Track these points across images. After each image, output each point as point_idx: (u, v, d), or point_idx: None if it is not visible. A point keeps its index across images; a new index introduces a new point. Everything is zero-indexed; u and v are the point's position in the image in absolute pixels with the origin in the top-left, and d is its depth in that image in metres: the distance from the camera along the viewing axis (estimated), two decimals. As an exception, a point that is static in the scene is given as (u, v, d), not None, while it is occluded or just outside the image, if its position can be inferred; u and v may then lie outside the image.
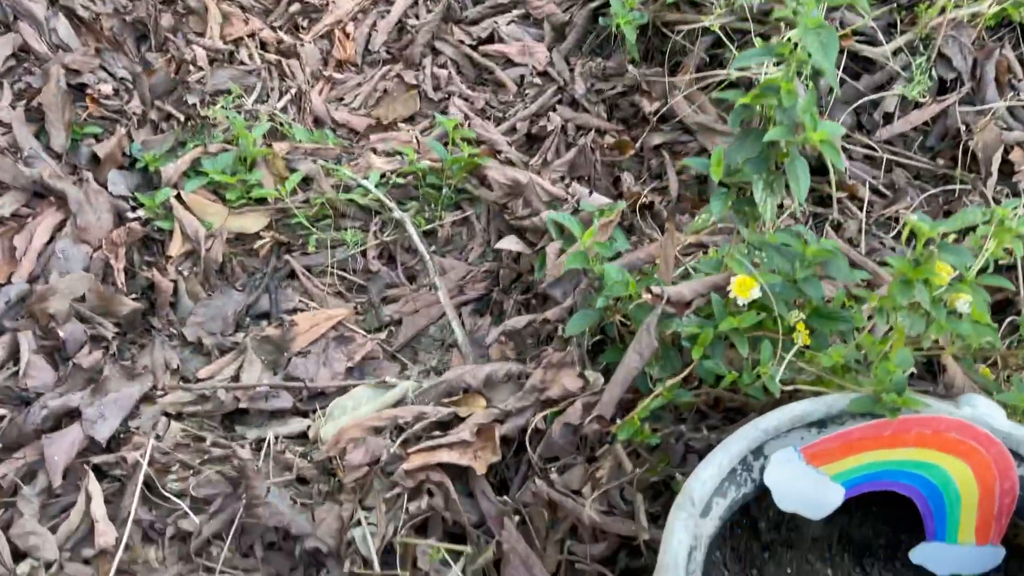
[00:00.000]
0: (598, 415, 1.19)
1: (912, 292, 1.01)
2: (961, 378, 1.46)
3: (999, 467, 1.01)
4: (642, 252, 1.51)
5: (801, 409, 1.06)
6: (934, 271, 1.00)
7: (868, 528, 1.21)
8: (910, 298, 1.00)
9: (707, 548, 1.02)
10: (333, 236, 1.88)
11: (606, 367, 1.32)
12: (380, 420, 1.33)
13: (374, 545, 1.20)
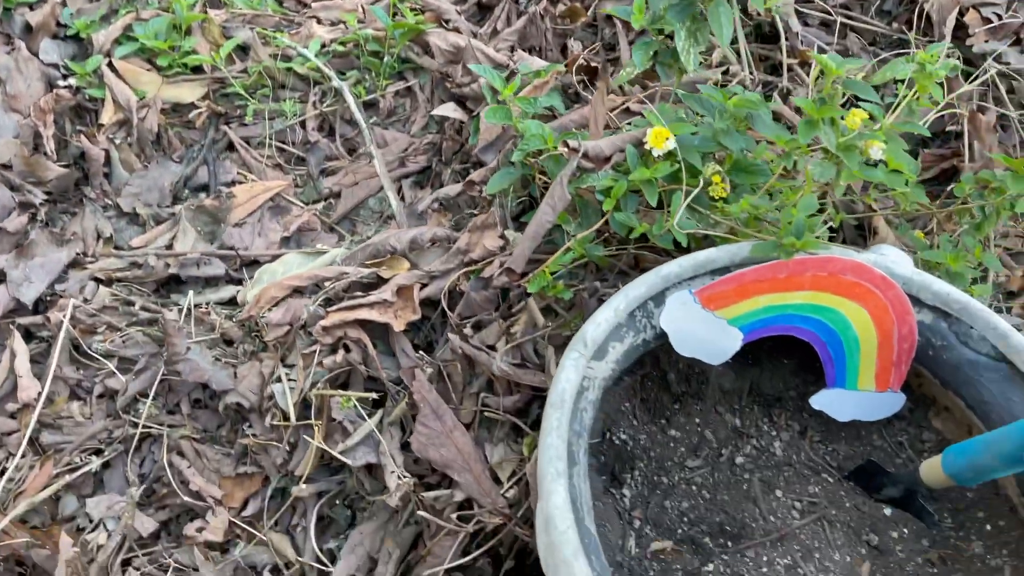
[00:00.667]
0: (507, 268, 1.18)
1: (815, 132, 0.98)
2: (893, 240, 1.46)
3: (897, 311, 1.01)
4: (575, 114, 1.47)
5: (704, 256, 1.05)
6: (837, 110, 0.97)
7: (779, 380, 1.22)
8: (812, 138, 0.98)
9: (602, 390, 1.03)
10: (272, 107, 1.83)
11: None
12: (300, 280, 1.33)
13: (292, 399, 1.22)
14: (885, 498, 1.10)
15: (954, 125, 1.66)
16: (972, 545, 1.05)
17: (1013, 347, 0.97)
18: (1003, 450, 0.86)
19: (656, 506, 1.11)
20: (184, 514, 1.26)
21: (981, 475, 0.92)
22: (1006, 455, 0.86)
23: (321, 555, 1.17)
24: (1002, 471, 0.89)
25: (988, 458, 0.89)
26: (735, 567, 1.03)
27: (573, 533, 0.84)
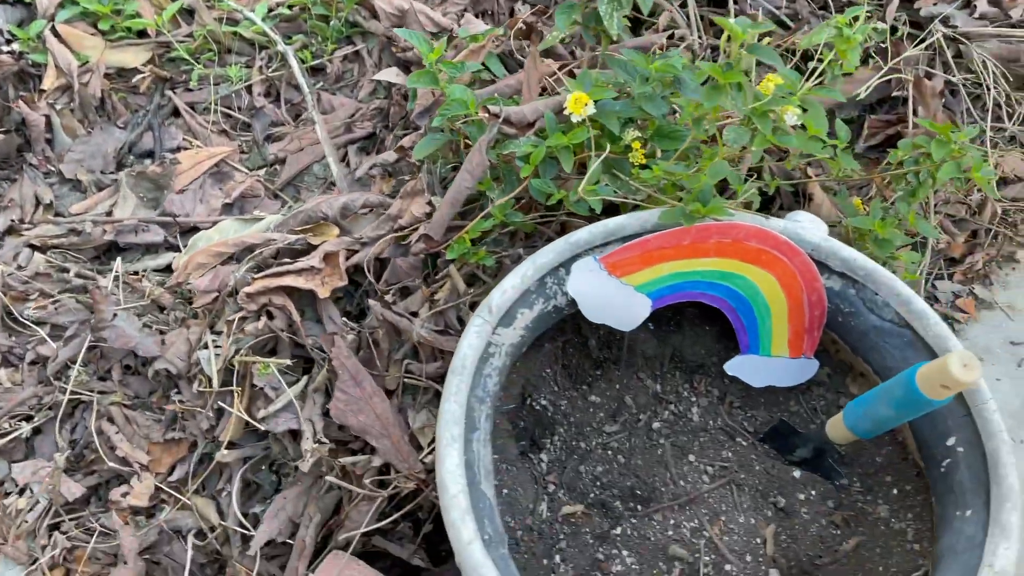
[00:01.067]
0: (425, 235, 1.18)
1: (721, 97, 0.97)
2: (828, 207, 1.45)
3: (805, 278, 1.01)
4: (512, 79, 1.46)
5: (615, 223, 1.05)
6: (742, 75, 0.96)
7: (701, 347, 1.22)
8: (717, 102, 0.97)
9: (510, 356, 1.03)
10: (217, 71, 1.82)
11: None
12: (227, 247, 1.33)
13: (216, 365, 1.22)
14: (797, 459, 1.11)
15: (900, 90, 1.64)
16: (878, 508, 1.06)
17: (915, 313, 0.98)
18: (894, 396, 0.87)
19: (572, 471, 1.12)
20: (114, 479, 1.27)
21: (878, 425, 0.93)
22: (896, 401, 0.87)
23: (244, 519, 1.18)
24: (895, 419, 0.90)
25: (881, 407, 0.90)
26: (642, 530, 1.05)
27: (463, 497, 0.85)
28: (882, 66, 1.60)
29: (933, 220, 1.60)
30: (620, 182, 1.15)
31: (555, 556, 1.03)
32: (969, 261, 1.62)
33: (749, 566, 1.02)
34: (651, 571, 1.01)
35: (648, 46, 1.65)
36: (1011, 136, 1.73)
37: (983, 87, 1.62)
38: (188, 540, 1.19)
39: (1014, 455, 0.86)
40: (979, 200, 1.65)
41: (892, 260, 1.30)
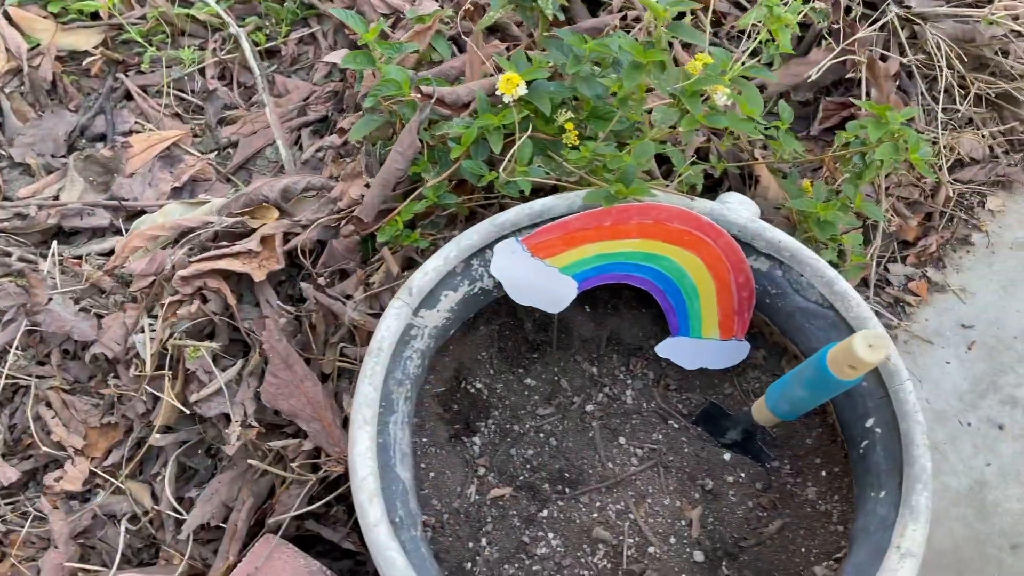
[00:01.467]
0: (355, 217, 1.17)
1: (640, 76, 0.96)
2: (775, 191, 1.44)
3: (731, 259, 1.01)
4: (458, 61, 1.45)
5: (541, 205, 1.04)
6: (664, 54, 0.95)
7: (639, 329, 1.22)
8: (638, 82, 0.96)
9: (434, 339, 1.03)
10: (170, 54, 1.80)
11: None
12: (163, 230, 1.31)
13: (150, 349, 1.21)
14: (729, 442, 1.10)
15: (855, 72, 1.63)
16: (807, 490, 1.06)
17: (838, 294, 0.97)
18: (806, 377, 0.87)
19: (503, 454, 1.11)
20: (51, 464, 1.27)
21: (795, 407, 0.93)
22: (809, 381, 0.86)
23: (177, 504, 1.18)
24: (810, 400, 0.90)
25: (796, 388, 0.89)
26: (568, 512, 1.04)
27: (372, 479, 0.84)
28: (835, 47, 1.58)
29: (886, 203, 1.59)
30: (554, 164, 1.14)
31: (481, 539, 1.03)
32: (922, 244, 1.61)
33: (673, 548, 1.02)
34: (575, 554, 1.01)
35: (601, 27, 1.63)
36: (969, 118, 1.72)
37: (937, 68, 1.61)
38: (122, 524, 1.18)
39: (927, 436, 0.86)
40: (933, 183, 1.64)
41: (833, 242, 1.30)
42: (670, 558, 1.01)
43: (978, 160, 1.68)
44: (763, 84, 1.64)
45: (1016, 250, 1.65)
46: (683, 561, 1.01)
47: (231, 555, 1.13)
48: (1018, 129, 1.69)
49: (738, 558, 1.01)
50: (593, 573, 1.00)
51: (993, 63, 1.66)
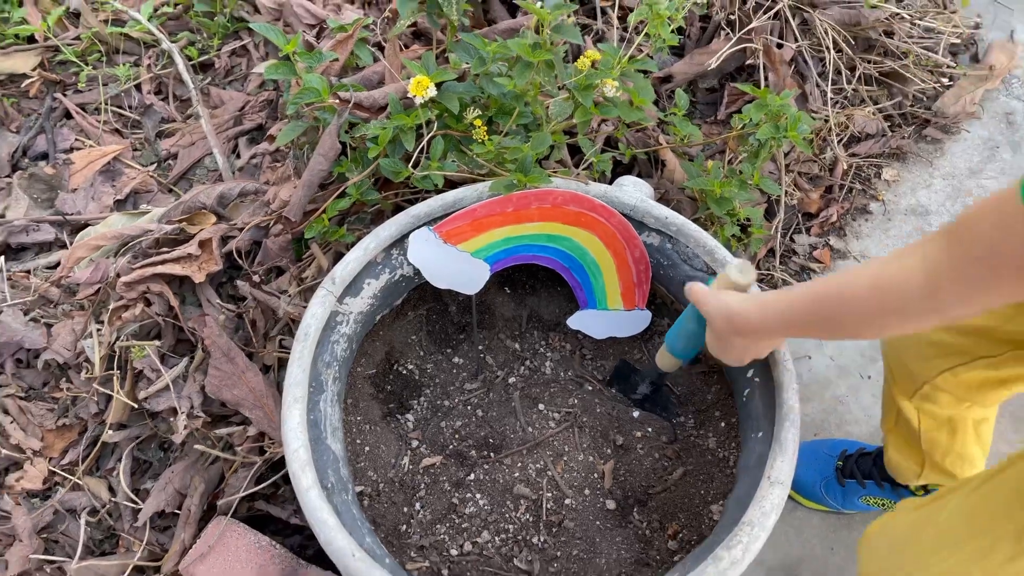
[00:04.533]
0: (284, 217, 1.25)
1: (530, 74, 1.06)
2: (680, 173, 1.56)
3: (624, 236, 1.11)
4: (379, 66, 1.53)
5: (453, 196, 1.14)
6: (550, 52, 1.05)
7: (555, 307, 1.32)
8: (527, 79, 1.06)
9: (360, 324, 1.12)
10: (106, 71, 1.86)
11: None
12: (105, 239, 1.39)
13: (98, 352, 1.29)
14: (639, 396, 1.20)
15: (754, 59, 1.75)
16: (708, 441, 1.17)
17: (719, 262, 1.08)
18: (695, 312, 0.95)
19: (434, 427, 1.21)
20: (12, 467, 1.34)
21: (688, 341, 1.00)
22: (696, 314, 0.95)
23: (133, 495, 1.26)
24: (699, 334, 0.97)
25: (688, 323, 0.98)
26: (493, 474, 1.14)
27: (304, 451, 0.93)
28: (733, 37, 1.70)
29: (788, 178, 1.72)
30: (466, 158, 1.24)
31: (415, 504, 1.13)
32: (824, 215, 1.74)
33: (588, 499, 1.12)
34: (500, 510, 1.11)
35: (517, 27, 1.73)
36: (861, 97, 1.85)
37: (825, 51, 1.74)
38: (82, 518, 1.26)
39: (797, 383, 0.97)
40: (831, 158, 1.77)
41: (731, 217, 1.41)
42: (585, 508, 1.11)
43: (872, 134, 1.82)
44: (670, 74, 1.75)
45: (911, 215, 1.79)
46: (597, 510, 1.12)
47: (186, 538, 1.21)
48: (905, 104, 1.83)
49: (647, 504, 1.12)
50: (517, 526, 1.10)
51: (879, 44, 1.79)
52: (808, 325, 0.75)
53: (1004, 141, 1.89)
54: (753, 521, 0.88)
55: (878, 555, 0.87)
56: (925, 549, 0.80)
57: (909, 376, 1.02)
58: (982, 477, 0.78)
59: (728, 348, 0.90)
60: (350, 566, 0.86)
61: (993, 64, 1.91)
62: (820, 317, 0.72)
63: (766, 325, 0.80)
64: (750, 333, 0.84)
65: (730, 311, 0.84)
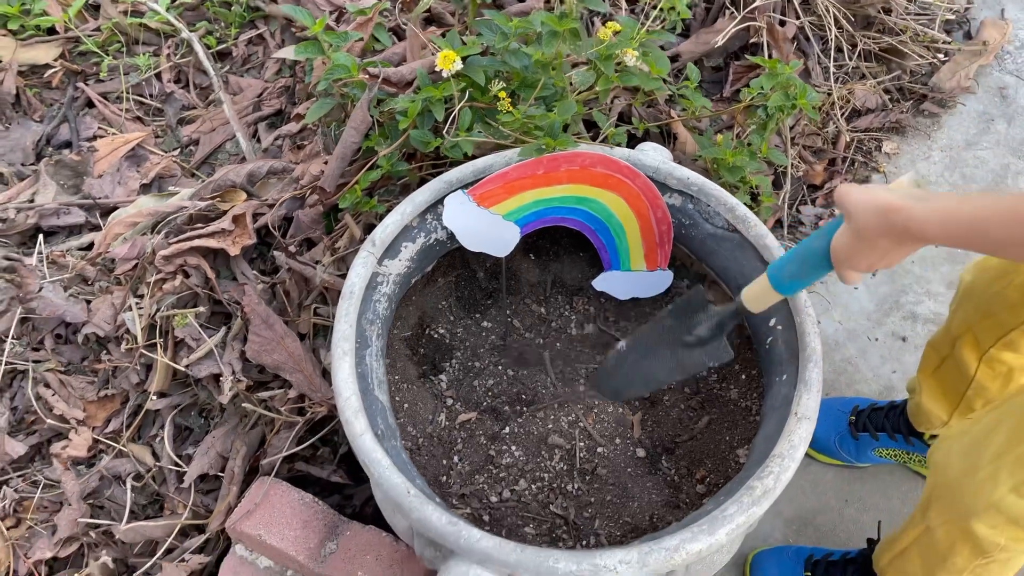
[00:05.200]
0: (319, 187, 1.30)
1: (557, 42, 1.12)
2: (692, 145, 1.62)
3: (648, 197, 1.17)
4: (399, 47, 1.59)
5: (483, 163, 1.19)
6: (576, 22, 1.11)
7: (578, 272, 1.38)
8: (555, 48, 1.11)
9: (398, 285, 1.17)
10: (126, 62, 1.91)
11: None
12: (141, 216, 1.44)
13: (140, 324, 1.34)
14: (694, 339, 1.08)
15: (758, 37, 1.81)
16: (730, 392, 1.23)
17: (739, 218, 1.14)
18: (824, 229, 0.88)
19: (467, 386, 1.26)
20: (55, 437, 1.38)
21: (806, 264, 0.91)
22: (826, 231, 0.87)
23: (178, 459, 1.30)
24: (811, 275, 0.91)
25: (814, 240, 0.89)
26: (526, 427, 1.20)
27: (355, 399, 0.98)
28: (737, 16, 1.76)
29: (793, 151, 1.78)
30: (492, 128, 1.29)
31: (454, 456, 1.18)
32: (828, 187, 1.80)
33: (619, 448, 1.18)
34: (535, 460, 1.17)
35: (528, 10, 1.79)
36: (862, 73, 1.92)
37: (826, 29, 1.80)
38: (127, 483, 1.30)
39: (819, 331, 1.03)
40: (834, 132, 1.84)
41: (743, 183, 1.47)
42: (616, 456, 1.17)
43: (872, 109, 1.88)
44: (677, 53, 1.81)
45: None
46: (628, 458, 1.17)
47: (231, 498, 1.26)
48: (904, 79, 1.89)
49: (674, 452, 1.18)
50: (552, 474, 1.15)
51: (878, 20, 1.86)
52: (994, 243, 0.70)
53: (998, 114, 1.95)
54: (783, 453, 0.93)
55: (953, 458, 0.93)
56: (995, 446, 0.87)
57: (997, 325, 1.08)
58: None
59: (866, 252, 0.82)
60: (404, 503, 0.91)
61: (986, 40, 1.98)
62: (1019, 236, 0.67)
63: (941, 233, 0.73)
64: (906, 234, 0.76)
65: (889, 204, 0.75)
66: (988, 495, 0.89)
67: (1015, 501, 0.87)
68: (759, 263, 1.12)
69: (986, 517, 0.91)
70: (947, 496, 0.96)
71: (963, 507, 0.93)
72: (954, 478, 0.94)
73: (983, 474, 0.89)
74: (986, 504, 0.90)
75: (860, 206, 0.78)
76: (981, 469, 0.89)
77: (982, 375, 1.15)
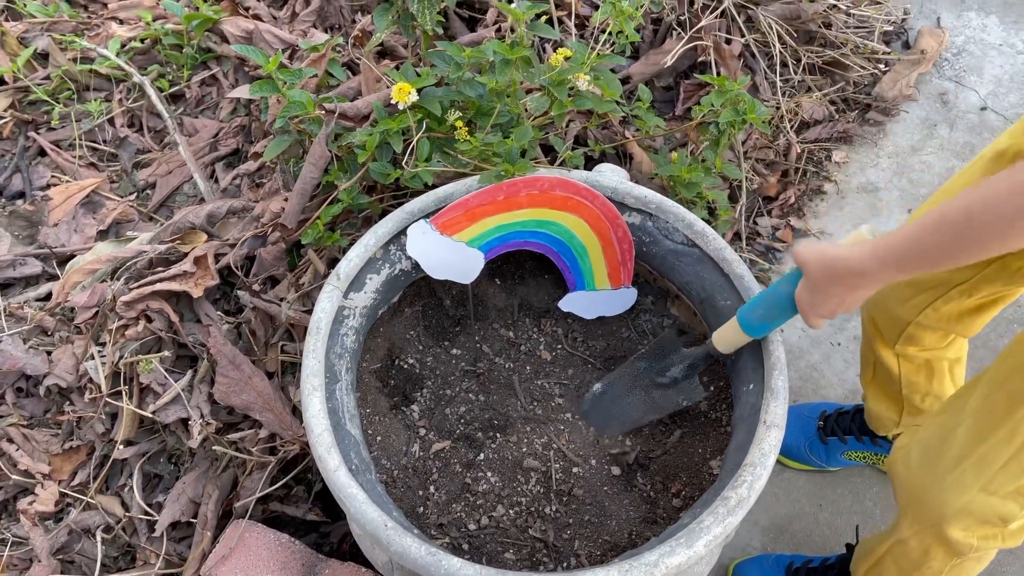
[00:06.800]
0: (280, 224, 1.30)
1: (510, 70, 1.14)
2: (648, 164, 1.64)
3: (608, 217, 1.19)
4: (353, 81, 1.60)
5: (444, 191, 1.20)
6: (527, 50, 1.13)
7: (544, 294, 1.39)
8: (509, 76, 1.13)
9: (365, 317, 1.17)
10: (78, 108, 1.89)
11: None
12: (100, 263, 1.42)
13: (103, 372, 1.31)
14: (667, 380, 1.18)
15: (705, 56, 1.85)
16: (700, 404, 1.24)
17: (698, 233, 1.16)
18: (787, 277, 0.96)
19: (439, 415, 1.26)
20: (20, 493, 1.35)
21: (773, 310, 0.99)
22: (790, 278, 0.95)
23: (148, 508, 1.28)
24: (778, 318, 0.99)
25: (779, 286, 0.97)
26: (501, 452, 1.20)
27: (328, 435, 0.98)
28: (684, 36, 1.80)
29: (746, 165, 1.82)
30: (451, 157, 1.30)
31: (430, 487, 1.18)
32: (783, 198, 1.85)
33: (594, 467, 1.18)
34: (511, 484, 1.17)
35: (479, 40, 1.81)
36: (807, 86, 1.97)
37: (771, 45, 1.85)
38: (97, 536, 1.28)
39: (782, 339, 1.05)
40: (785, 144, 1.88)
41: (699, 199, 1.50)
42: (592, 475, 1.17)
43: (820, 120, 1.93)
44: (628, 75, 1.85)
45: (862, 193, 1.90)
46: (604, 476, 1.18)
47: (205, 544, 1.24)
48: (848, 90, 1.95)
49: (649, 467, 1.19)
50: (529, 498, 1.15)
51: (819, 35, 1.91)
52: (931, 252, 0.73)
53: (940, 119, 2.02)
54: (755, 462, 0.95)
55: (913, 469, 0.95)
56: (955, 450, 0.89)
57: (894, 322, 1.11)
58: (988, 376, 0.87)
59: (824, 300, 0.89)
60: (382, 537, 0.90)
61: (924, 49, 2.05)
62: (951, 237, 0.71)
63: (879, 265, 0.79)
64: (853, 278, 0.83)
65: (832, 255, 0.84)
66: (957, 499, 0.91)
67: (985, 500, 0.90)
68: (719, 276, 1.14)
69: (958, 521, 0.93)
70: (915, 506, 0.98)
71: (934, 515, 0.95)
72: (920, 488, 0.96)
73: (949, 480, 0.91)
74: (956, 509, 0.92)
75: (811, 261, 0.88)
76: (947, 475, 0.92)
77: (905, 371, 1.19)
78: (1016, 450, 0.85)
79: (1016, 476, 0.87)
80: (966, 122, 2.00)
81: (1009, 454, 0.86)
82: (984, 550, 0.97)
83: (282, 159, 1.47)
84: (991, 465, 0.87)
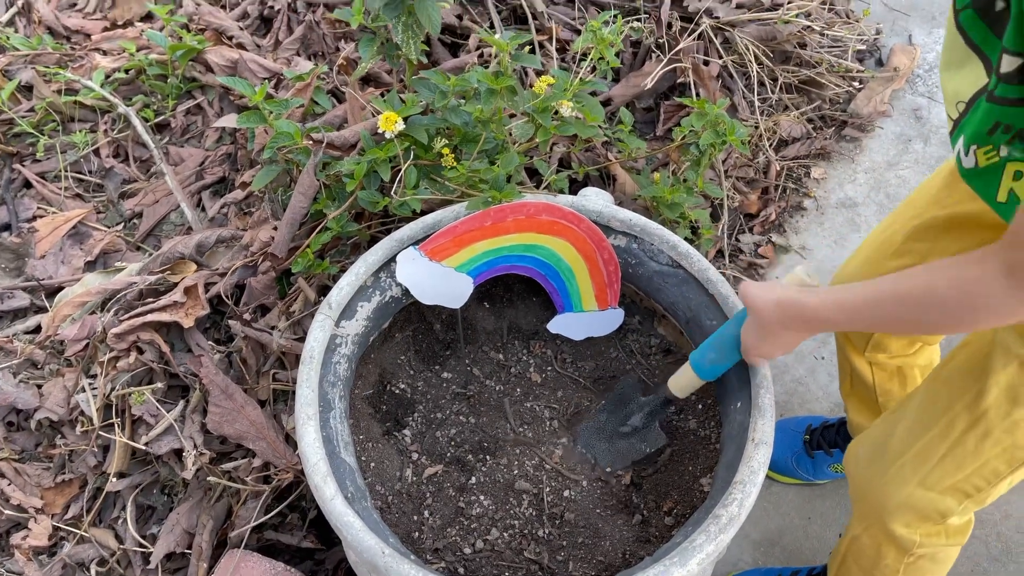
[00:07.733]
0: (270, 254, 1.32)
1: (496, 100, 1.16)
2: (631, 185, 1.67)
3: (593, 240, 1.21)
4: (339, 109, 1.62)
5: (432, 218, 1.22)
6: (512, 79, 1.15)
7: (533, 316, 1.41)
8: (494, 105, 1.16)
9: (357, 345, 1.18)
10: (63, 140, 1.90)
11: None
12: (89, 295, 1.42)
13: (95, 405, 1.32)
14: (629, 429, 1.21)
15: (684, 77, 1.89)
16: (689, 423, 1.26)
17: (682, 254, 1.19)
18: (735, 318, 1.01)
19: (430, 439, 1.27)
20: (14, 528, 1.34)
21: (723, 352, 1.03)
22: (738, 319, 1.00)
23: (142, 540, 1.28)
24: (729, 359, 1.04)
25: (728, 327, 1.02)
26: (492, 475, 1.21)
27: (323, 464, 0.99)
28: (663, 58, 1.84)
29: (727, 183, 1.85)
30: (438, 184, 1.32)
31: (424, 511, 1.19)
32: (764, 215, 1.88)
33: (585, 488, 1.20)
34: (504, 507, 1.18)
35: (462, 66, 1.84)
36: (785, 105, 2.01)
37: (748, 65, 1.89)
38: (92, 569, 1.27)
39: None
40: (765, 162, 1.92)
41: (683, 219, 1.53)
42: (584, 497, 1.19)
43: (798, 138, 1.97)
44: (609, 97, 1.88)
45: (841, 208, 1.94)
46: (596, 497, 1.19)
47: (200, 575, 1.24)
48: (824, 107, 1.99)
49: (641, 486, 1.20)
50: (522, 521, 1.17)
51: (795, 55, 1.96)
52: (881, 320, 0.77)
53: (915, 134, 2.06)
54: (744, 479, 0.97)
55: (861, 465, 0.98)
56: (896, 445, 0.92)
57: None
58: (933, 373, 0.90)
59: (769, 341, 0.92)
60: (380, 563, 0.91)
61: (897, 66, 2.10)
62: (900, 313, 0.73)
63: (827, 315, 0.82)
64: (801, 322, 0.85)
65: (784, 298, 0.86)
66: (897, 494, 0.94)
67: (923, 494, 0.92)
68: (704, 296, 1.17)
69: (900, 516, 0.96)
70: (862, 501, 1.01)
71: (878, 509, 0.97)
72: (866, 482, 0.99)
73: (890, 474, 0.94)
74: (896, 503, 0.94)
75: (759, 302, 0.89)
76: (888, 469, 0.94)
77: (879, 379, 1.22)
78: (951, 446, 0.87)
79: (951, 472, 0.89)
80: (940, 136, 2.05)
81: (944, 449, 0.88)
82: (929, 547, 0.99)
83: (270, 188, 1.48)
84: (928, 460, 0.90)
